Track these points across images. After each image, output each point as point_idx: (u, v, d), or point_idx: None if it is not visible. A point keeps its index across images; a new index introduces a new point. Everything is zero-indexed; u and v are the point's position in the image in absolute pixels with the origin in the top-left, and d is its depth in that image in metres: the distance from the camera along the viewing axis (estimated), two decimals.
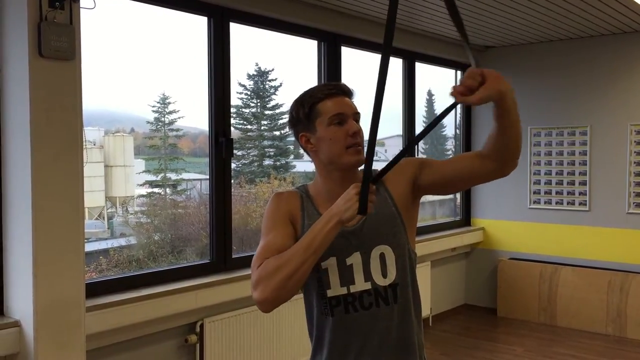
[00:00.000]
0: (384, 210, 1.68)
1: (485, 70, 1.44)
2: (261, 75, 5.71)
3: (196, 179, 5.46)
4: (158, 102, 4.89)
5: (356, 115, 1.69)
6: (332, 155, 1.66)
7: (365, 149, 1.54)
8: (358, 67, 5.27)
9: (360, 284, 1.65)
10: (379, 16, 4.70)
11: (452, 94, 1.45)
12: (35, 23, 2.55)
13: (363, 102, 1.82)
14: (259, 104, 5.75)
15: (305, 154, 1.81)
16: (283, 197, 1.74)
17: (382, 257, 1.66)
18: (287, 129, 6.14)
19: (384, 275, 1.66)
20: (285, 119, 6.07)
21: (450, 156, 1.64)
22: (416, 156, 5.70)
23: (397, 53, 5.43)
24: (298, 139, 1.73)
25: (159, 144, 5.11)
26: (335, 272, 1.65)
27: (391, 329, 1.65)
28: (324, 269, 1.65)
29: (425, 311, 5.60)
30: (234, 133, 4.03)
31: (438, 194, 1.79)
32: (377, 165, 1.64)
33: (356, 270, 1.65)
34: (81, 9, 2.73)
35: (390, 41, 1.45)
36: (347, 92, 1.71)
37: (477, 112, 6.36)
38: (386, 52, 1.46)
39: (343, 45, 4.76)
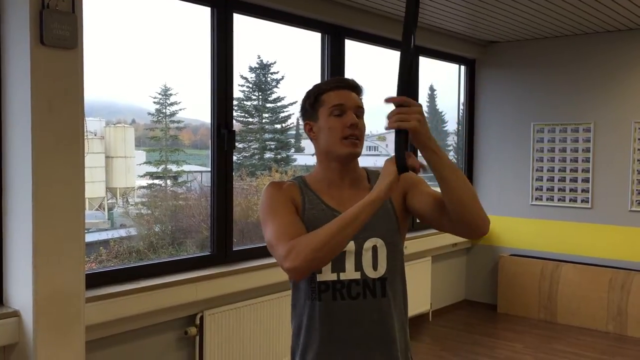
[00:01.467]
0: (382, 207, 1.66)
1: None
2: (263, 68, 5.69)
3: (197, 170, 5.45)
4: (159, 94, 4.87)
5: (358, 109, 1.72)
6: (329, 145, 1.71)
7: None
8: (362, 60, 5.24)
9: (350, 273, 1.68)
10: (384, 9, 4.67)
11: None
12: (37, 11, 2.52)
13: (368, 95, 1.81)
14: (260, 96, 5.73)
15: (305, 148, 1.82)
16: (281, 185, 1.75)
17: (374, 249, 1.69)
18: (288, 123, 6.14)
19: (375, 268, 1.69)
20: (287, 112, 6.07)
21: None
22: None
23: (399, 46, 5.39)
24: (304, 127, 1.79)
25: (160, 135, 5.10)
26: None
27: (375, 321, 1.68)
28: None
29: (425, 306, 5.60)
30: (235, 125, 4.01)
31: (418, 219, 1.79)
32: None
33: (348, 258, 1.68)
34: None
35: (410, 37, 1.53)
36: (354, 87, 1.74)
37: (480, 109, 6.34)
38: (406, 47, 1.54)
39: (347, 38, 4.73)
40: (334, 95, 1.71)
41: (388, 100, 1.49)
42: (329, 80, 1.78)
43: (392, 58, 5.59)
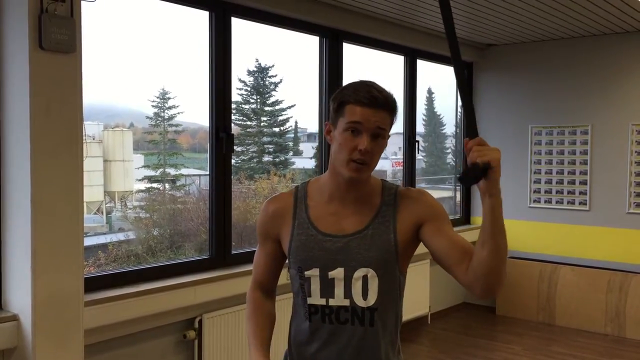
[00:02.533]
0: (380, 234, 1.64)
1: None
2: (261, 72, 5.70)
3: (195, 174, 5.45)
4: (158, 97, 4.88)
5: (378, 130, 1.59)
6: (335, 160, 1.64)
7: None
8: (360, 63, 5.25)
9: (339, 299, 1.65)
10: (381, 12, 4.69)
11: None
12: (35, 15, 2.53)
13: None
14: (258, 100, 5.73)
15: (304, 151, 1.82)
16: (271, 206, 1.76)
17: (364, 279, 1.63)
18: (286, 126, 6.15)
19: (364, 297, 1.64)
20: (285, 115, 6.08)
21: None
22: (417, 153, 5.68)
23: (399, 50, 5.41)
24: (324, 126, 1.70)
25: (158, 139, 5.10)
26: (317, 282, 1.65)
27: (362, 348, 1.65)
28: (306, 278, 1.66)
29: (424, 309, 5.60)
30: (234, 129, 4.02)
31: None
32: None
33: (337, 285, 1.64)
34: (82, 2, 2.71)
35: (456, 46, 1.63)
36: (382, 106, 1.59)
37: (478, 111, 6.35)
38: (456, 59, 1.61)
39: (345, 42, 4.74)
40: (356, 109, 1.58)
41: (467, 143, 1.52)
42: (359, 88, 1.61)
43: (389, 61, 5.60)
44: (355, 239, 1.64)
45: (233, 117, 4.04)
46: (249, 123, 5.83)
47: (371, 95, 1.59)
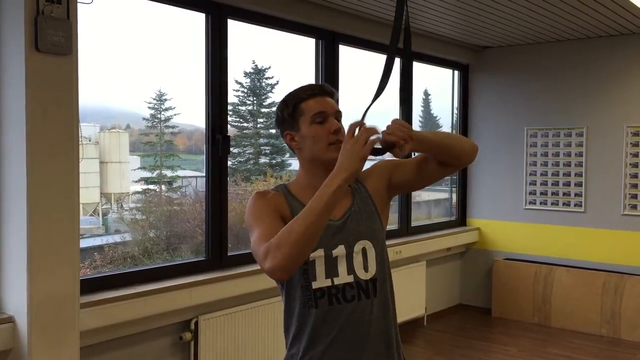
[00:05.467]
0: (365, 208, 1.78)
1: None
2: (258, 73, 5.70)
3: (192, 176, 5.44)
4: (154, 99, 4.87)
5: (337, 114, 1.76)
6: (315, 152, 1.73)
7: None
8: (356, 65, 5.26)
9: (343, 277, 1.70)
10: (378, 15, 4.70)
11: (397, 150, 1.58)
12: (32, 17, 2.53)
13: (360, 99, 1.84)
14: (255, 101, 5.73)
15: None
16: (267, 195, 1.77)
17: (364, 251, 1.73)
18: None
19: (366, 269, 1.72)
20: None
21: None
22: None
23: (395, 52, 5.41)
24: (283, 137, 1.80)
25: (154, 140, 5.09)
26: (322, 263, 1.70)
27: (372, 322, 1.71)
28: (311, 261, 1.69)
29: (420, 311, 5.60)
30: (230, 131, 4.02)
31: (407, 192, 1.91)
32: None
33: (340, 263, 1.71)
34: (78, 4, 2.71)
35: (396, 41, 1.65)
36: (329, 93, 1.77)
37: (474, 113, 6.37)
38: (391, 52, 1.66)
39: (341, 44, 4.75)
40: (313, 103, 1.73)
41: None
42: (303, 88, 1.77)
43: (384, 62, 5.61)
44: (349, 218, 1.75)
45: (229, 118, 4.04)
46: (245, 125, 5.83)
47: (318, 86, 1.79)
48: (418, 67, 5.76)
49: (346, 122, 1.75)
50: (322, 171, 1.71)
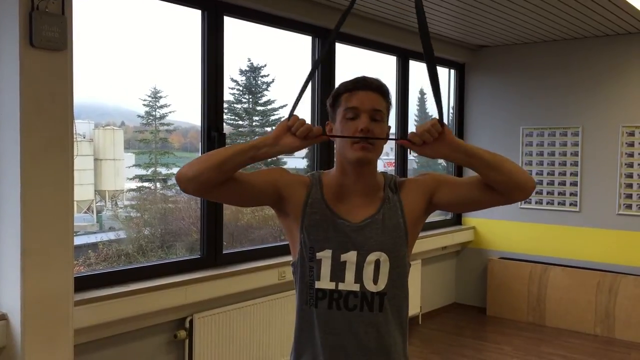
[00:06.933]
0: (391, 219, 1.69)
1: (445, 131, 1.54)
2: (253, 71, 5.68)
3: None
4: (149, 96, 4.85)
5: (374, 112, 1.64)
6: (341, 148, 1.66)
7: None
8: (352, 63, 5.25)
9: (349, 284, 1.64)
10: (374, 13, 4.69)
11: (403, 143, 1.54)
12: (26, 12, 2.51)
13: None
14: (250, 99, 5.71)
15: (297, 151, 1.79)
16: (290, 172, 1.75)
17: (377, 263, 1.65)
18: None
19: (375, 282, 1.65)
20: (277, 115, 6.07)
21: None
22: (408, 154, 5.69)
23: (391, 50, 5.41)
24: (326, 127, 1.73)
25: (149, 138, 5.07)
26: (328, 265, 1.65)
27: (371, 335, 1.64)
28: (317, 260, 1.65)
29: (415, 309, 5.61)
30: (226, 128, 4.00)
31: (447, 211, 1.84)
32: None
33: (348, 269, 1.65)
34: None
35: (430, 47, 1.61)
36: (373, 88, 1.67)
37: (470, 112, 6.37)
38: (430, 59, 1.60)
39: (337, 42, 4.74)
40: (350, 97, 1.65)
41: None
42: (349, 80, 1.70)
43: (382, 62, 5.61)
44: (368, 224, 1.67)
45: (225, 116, 4.03)
46: (240, 122, 5.81)
47: (361, 79, 1.68)
48: (414, 66, 5.76)
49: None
50: (351, 169, 1.67)
